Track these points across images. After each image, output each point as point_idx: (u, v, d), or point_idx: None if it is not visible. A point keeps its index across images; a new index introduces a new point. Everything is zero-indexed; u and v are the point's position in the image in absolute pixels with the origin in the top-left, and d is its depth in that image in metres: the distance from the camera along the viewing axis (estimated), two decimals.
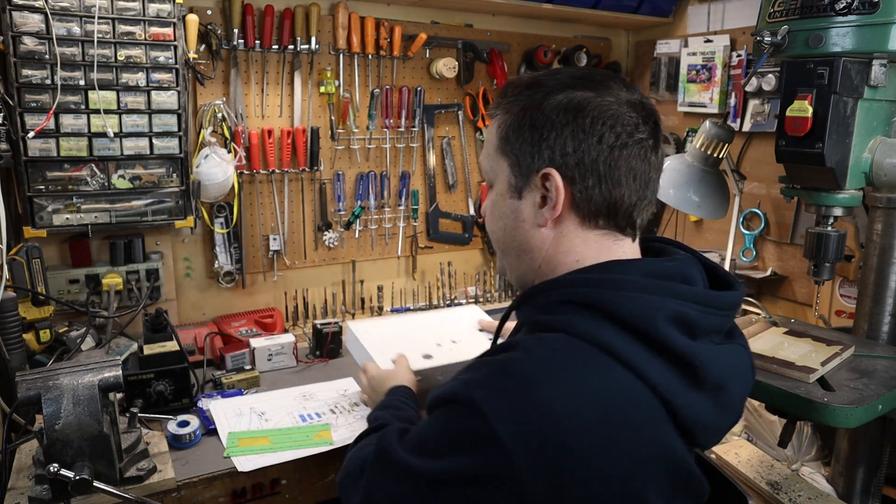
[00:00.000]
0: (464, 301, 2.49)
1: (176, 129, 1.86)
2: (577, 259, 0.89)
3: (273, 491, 1.41)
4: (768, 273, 2.27)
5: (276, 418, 1.54)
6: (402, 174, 2.38)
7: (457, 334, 1.60)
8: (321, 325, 1.97)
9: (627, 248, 0.91)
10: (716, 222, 2.37)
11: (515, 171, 0.91)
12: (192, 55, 1.90)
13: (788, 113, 1.43)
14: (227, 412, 1.55)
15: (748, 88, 2.18)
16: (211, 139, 1.98)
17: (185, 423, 1.45)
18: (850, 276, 2.01)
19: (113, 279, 1.87)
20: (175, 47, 1.82)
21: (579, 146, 0.85)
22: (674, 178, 1.88)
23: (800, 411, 1.28)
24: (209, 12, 1.99)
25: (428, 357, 1.46)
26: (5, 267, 1.50)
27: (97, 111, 1.75)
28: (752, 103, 2.24)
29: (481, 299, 2.52)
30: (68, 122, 1.73)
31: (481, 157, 1.00)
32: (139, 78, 1.79)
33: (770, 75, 2.09)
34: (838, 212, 1.52)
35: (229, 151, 2.02)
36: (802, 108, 1.40)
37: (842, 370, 1.41)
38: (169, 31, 1.80)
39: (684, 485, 0.80)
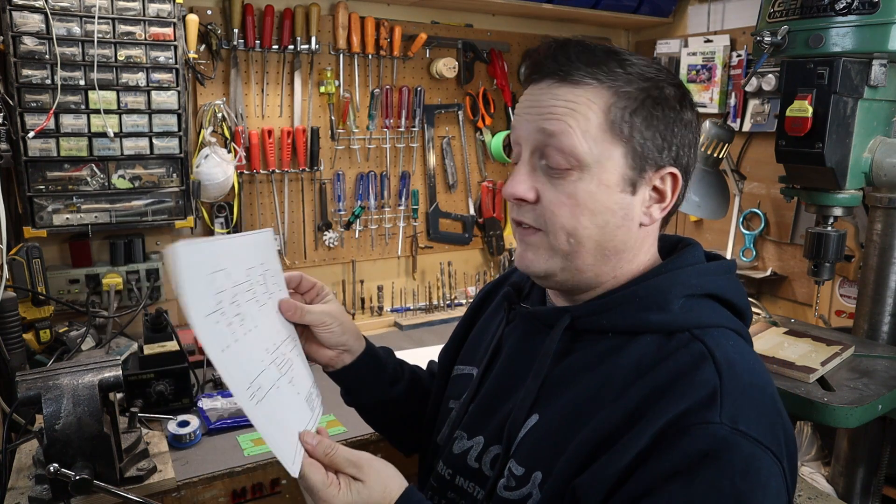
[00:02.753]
0: (464, 301, 2.49)
1: (176, 129, 1.86)
2: (647, 257, 0.87)
3: (273, 491, 1.41)
4: (768, 273, 2.27)
5: None
6: (402, 174, 2.38)
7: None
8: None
9: None
10: (716, 222, 2.37)
11: (633, 162, 0.80)
12: (192, 55, 1.90)
13: (788, 113, 1.43)
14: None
15: (748, 88, 2.18)
16: (211, 139, 1.98)
17: (185, 423, 1.45)
18: (850, 276, 2.01)
19: (113, 279, 1.87)
20: (175, 47, 1.82)
21: (691, 148, 0.84)
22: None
23: (800, 411, 1.28)
24: (209, 12, 1.99)
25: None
26: (5, 267, 1.50)
27: (97, 111, 1.75)
28: (752, 103, 2.24)
29: None
30: (68, 122, 1.73)
31: (567, 133, 0.78)
32: (139, 78, 1.79)
33: (770, 75, 2.09)
34: (838, 212, 1.52)
35: (229, 151, 2.02)
36: (802, 108, 1.40)
37: (842, 370, 1.41)
38: (169, 31, 1.80)
39: None
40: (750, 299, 1.97)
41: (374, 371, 1.07)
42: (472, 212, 2.55)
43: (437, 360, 1.18)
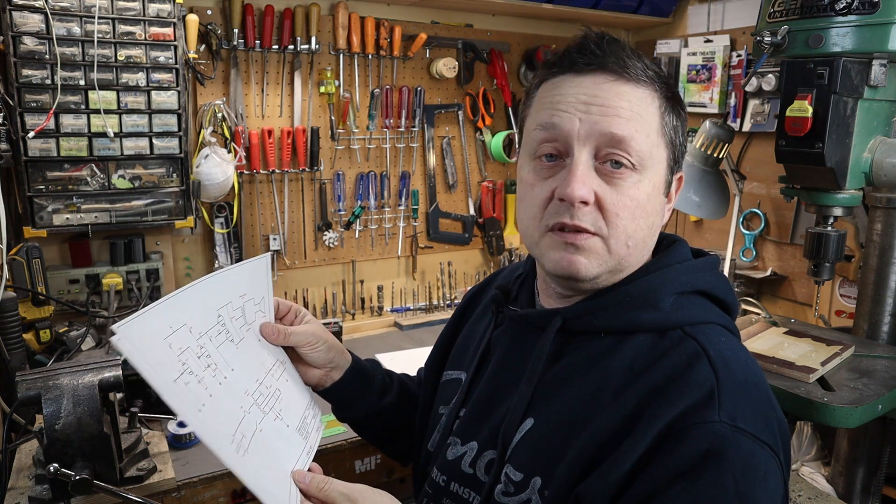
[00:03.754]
0: None
1: (176, 129, 1.86)
2: (649, 251, 0.87)
3: None
4: (768, 273, 2.27)
5: None
6: (402, 174, 2.38)
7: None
8: (321, 324, 1.97)
9: None
10: (716, 222, 2.37)
11: (671, 164, 0.82)
12: (192, 55, 1.90)
13: (788, 113, 1.43)
14: None
15: (748, 88, 2.18)
16: (211, 139, 1.98)
17: (185, 423, 1.45)
18: (850, 276, 2.01)
19: (113, 279, 1.87)
20: (175, 47, 1.82)
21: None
22: (683, 178, 1.89)
23: (800, 411, 1.28)
24: (209, 12, 1.99)
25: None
26: (5, 267, 1.51)
27: (97, 111, 1.75)
28: (752, 103, 2.24)
29: None
30: (68, 122, 1.73)
31: (636, 138, 0.76)
32: (139, 78, 1.79)
33: (770, 75, 2.09)
34: (838, 212, 1.52)
35: (229, 151, 2.02)
36: (802, 108, 1.40)
37: (842, 370, 1.41)
38: (169, 31, 1.80)
39: None
40: (750, 299, 1.98)
41: (362, 384, 1.06)
42: (472, 212, 2.55)
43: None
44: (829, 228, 1.53)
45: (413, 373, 1.24)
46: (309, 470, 0.83)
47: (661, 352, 0.77)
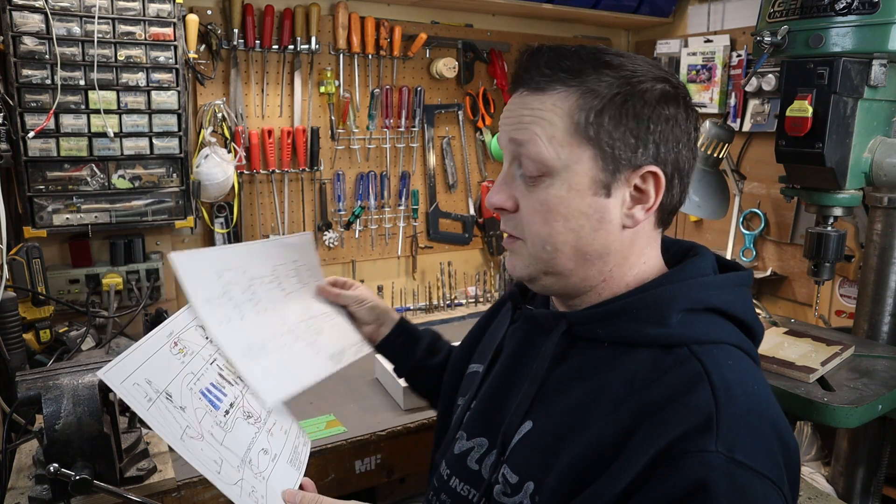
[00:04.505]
0: (464, 301, 2.49)
1: (176, 129, 1.86)
2: (644, 261, 0.84)
3: None
4: (768, 273, 2.27)
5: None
6: (402, 174, 2.38)
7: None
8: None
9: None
10: (716, 222, 2.37)
11: (604, 163, 0.77)
12: (192, 55, 1.90)
13: (788, 113, 1.43)
14: None
15: (748, 88, 2.18)
16: (211, 139, 1.98)
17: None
18: (850, 276, 2.01)
19: (113, 279, 1.87)
20: (175, 47, 1.82)
21: (677, 144, 0.79)
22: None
23: (800, 411, 1.28)
24: (209, 12, 1.99)
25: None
26: (5, 267, 1.50)
27: (97, 111, 1.75)
28: (752, 103, 2.24)
29: (481, 299, 2.51)
30: (68, 122, 1.73)
31: (533, 141, 0.78)
32: (139, 78, 1.79)
33: (770, 75, 2.09)
34: (838, 212, 1.52)
35: (229, 151, 2.02)
36: (802, 108, 1.40)
37: (842, 370, 1.41)
38: (169, 31, 1.80)
39: None
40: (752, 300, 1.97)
41: (408, 340, 1.24)
42: (472, 212, 2.55)
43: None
44: (829, 228, 1.53)
45: None
46: (301, 487, 0.86)
47: (663, 369, 0.74)
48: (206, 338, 0.89)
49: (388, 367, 1.32)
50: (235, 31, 1.99)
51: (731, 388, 0.71)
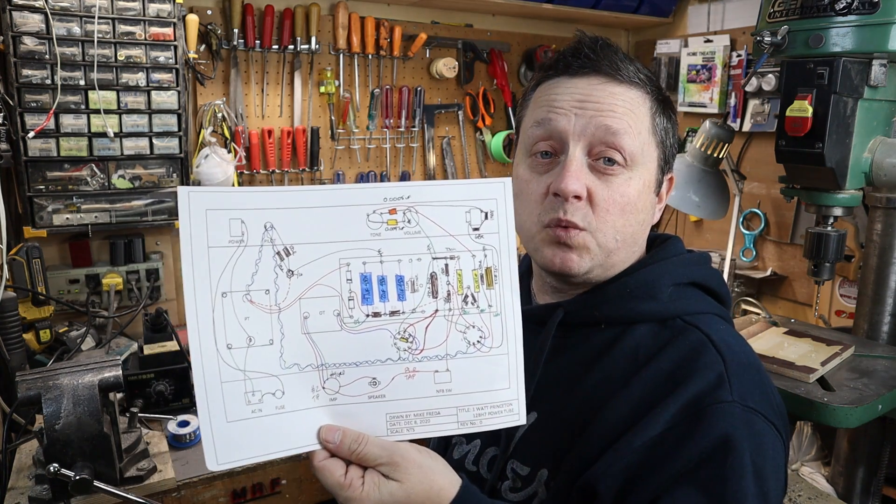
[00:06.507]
0: None
1: (176, 129, 1.86)
2: (641, 248, 0.89)
3: (273, 491, 1.41)
4: (768, 273, 2.27)
5: None
6: (402, 174, 2.38)
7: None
8: None
9: None
10: (716, 222, 2.37)
11: (662, 163, 0.85)
12: (192, 55, 1.90)
13: (788, 113, 1.43)
14: None
15: (748, 88, 2.18)
16: (211, 139, 1.98)
17: (185, 423, 1.45)
18: (850, 276, 2.01)
19: (113, 279, 1.87)
20: (175, 47, 1.82)
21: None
22: (674, 179, 1.89)
23: (800, 411, 1.28)
24: (209, 12, 1.99)
25: None
26: (5, 267, 1.50)
27: (97, 111, 1.75)
28: (752, 103, 2.24)
29: None
30: (68, 122, 1.73)
31: (628, 132, 0.78)
32: (139, 78, 1.79)
33: (770, 75, 2.09)
34: (838, 212, 1.52)
35: (229, 151, 2.02)
36: (802, 108, 1.40)
37: (842, 370, 1.41)
38: (169, 31, 1.80)
39: None
40: (750, 299, 1.98)
41: None
42: None
43: None
44: (829, 228, 1.53)
45: None
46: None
47: (664, 340, 0.79)
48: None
49: None
50: (235, 31, 1.99)
51: (732, 346, 0.78)
